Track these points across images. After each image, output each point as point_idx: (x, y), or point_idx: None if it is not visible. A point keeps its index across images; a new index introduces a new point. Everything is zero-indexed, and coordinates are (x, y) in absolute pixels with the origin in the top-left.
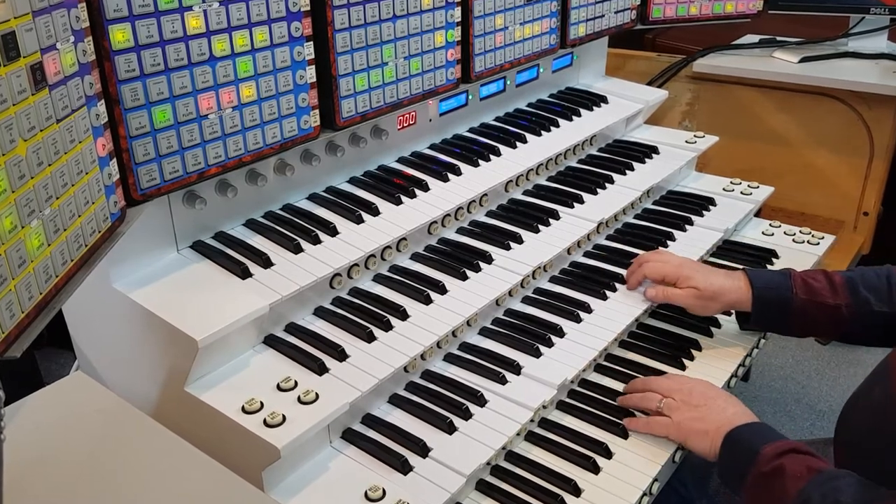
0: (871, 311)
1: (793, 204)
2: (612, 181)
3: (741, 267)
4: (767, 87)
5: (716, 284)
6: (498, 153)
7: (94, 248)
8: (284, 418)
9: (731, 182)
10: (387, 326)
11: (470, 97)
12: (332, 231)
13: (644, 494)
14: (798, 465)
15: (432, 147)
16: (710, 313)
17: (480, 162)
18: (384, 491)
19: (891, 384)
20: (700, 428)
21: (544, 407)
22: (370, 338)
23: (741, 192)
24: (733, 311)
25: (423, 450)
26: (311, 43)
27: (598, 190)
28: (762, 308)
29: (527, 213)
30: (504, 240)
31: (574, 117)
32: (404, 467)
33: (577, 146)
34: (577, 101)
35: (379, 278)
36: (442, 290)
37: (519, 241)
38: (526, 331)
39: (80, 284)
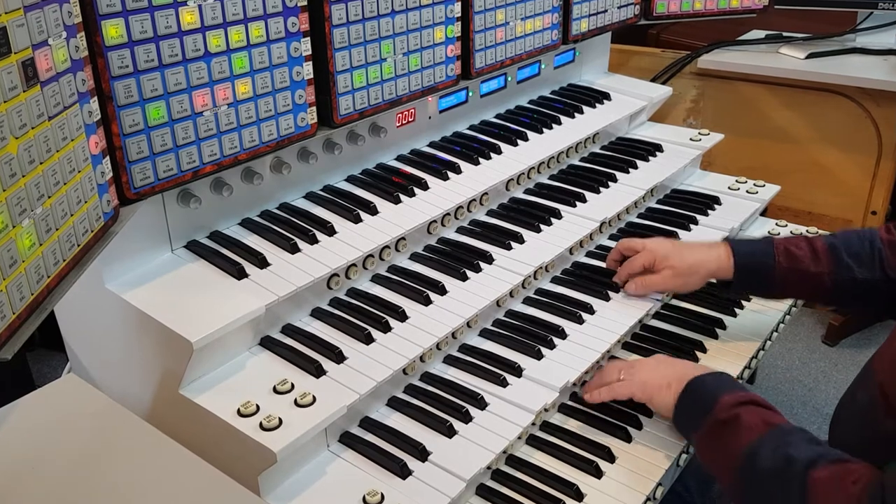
0: (853, 279)
1: (799, 203)
2: (615, 179)
3: None
4: (774, 83)
5: (691, 258)
6: (499, 151)
7: (86, 247)
8: (281, 421)
9: (737, 181)
10: (385, 328)
11: (470, 94)
12: (330, 231)
13: (648, 499)
14: (754, 417)
15: (432, 145)
16: (693, 288)
17: (481, 160)
18: (383, 495)
19: (873, 387)
20: (664, 382)
21: (546, 410)
22: (368, 339)
23: (747, 191)
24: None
25: (422, 454)
26: (308, 39)
27: (601, 188)
28: (744, 277)
29: (528, 212)
30: (505, 239)
31: (576, 114)
32: (403, 471)
33: (580, 144)
34: (580, 97)
35: (377, 279)
36: (441, 290)
37: (520, 240)
38: (527, 332)
39: (73, 285)
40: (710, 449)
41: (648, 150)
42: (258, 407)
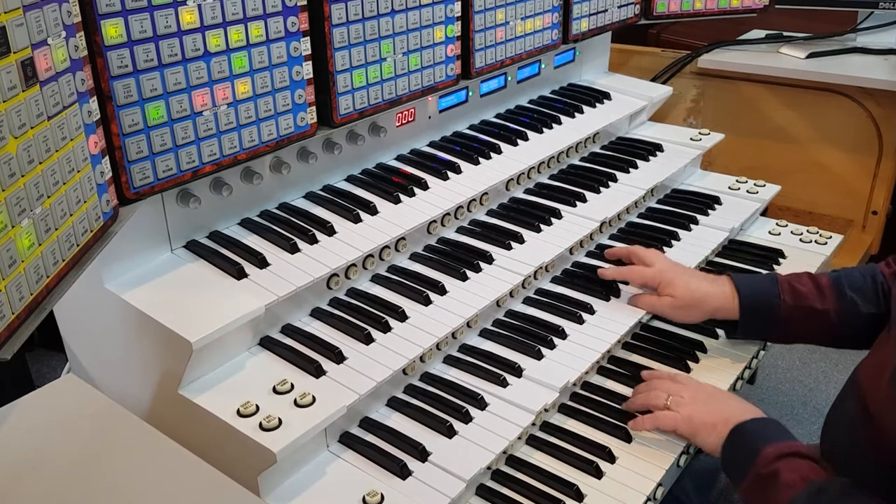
0: (859, 313)
1: (800, 203)
2: (615, 179)
3: (747, 267)
4: (774, 83)
5: (698, 291)
6: (499, 151)
7: (85, 247)
8: (280, 422)
9: (737, 181)
10: (385, 328)
11: (470, 94)
12: (330, 230)
13: (648, 500)
14: (793, 473)
15: (432, 144)
16: (692, 321)
17: (481, 160)
18: (382, 496)
19: (860, 398)
20: (709, 420)
21: (546, 410)
22: (368, 339)
23: (747, 191)
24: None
25: (422, 454)
26: (308, 38)
27: (601, 188)
28: (749, 316)
29: (528, 211)
30: (505, 239)
31: (576, 114)
32: (403, 472)
33: (580, 144)
34: (580, 97)
35: (377, 279)
36: (441, 290)
37: (520, 240)
38: (527, 332)
39: (72, 285)
40: (752, 502)
41: (649, 149)
42: (258, 407)
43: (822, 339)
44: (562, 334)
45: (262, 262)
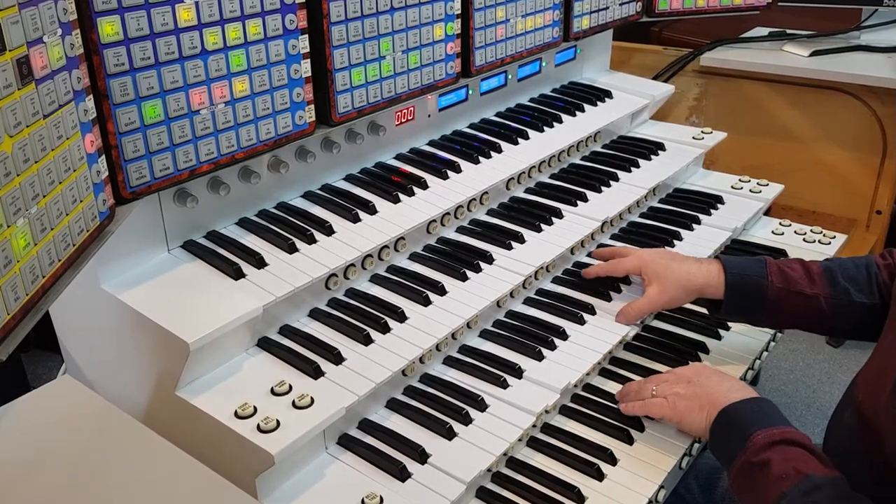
0: (851, 302)
1: (803, 202)
2: (616, 179)
3: None
4: (777, 81)
5: (679, 271)
6: (499, 150)
7: (82, 247)
8: (278, 423)
9: (740, 180)
10: (384, 329)
11: (470, 92)
12: (328, 230)
13: (650, 502)
14: (785, 464)
15: (431, 143)
16: (680, 303)
17: (481, 159)
18: (382, 498)
19: (857, 408)
20: (695, 404)
21: (547, 412)
22: (367, 340)
23: (750, 190)
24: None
25: (421, 456)
26: (306, 36)
27: (603, 188)
28: (734, 295)
29: (529, 211)
30: (505, 239)
31: (577, 113)
32: (402, 474)
33: (581, 142)
34: (581, 95)
35: (376, 279)
36: (441, 291)
37: (521, 240)
38: (528, 333)
39: (68, 285)
40: (742, 489)
41: (650, 148)
42: (255, 409)
43: (813, 325)
44: (563, 335)
45: (260, 263)
